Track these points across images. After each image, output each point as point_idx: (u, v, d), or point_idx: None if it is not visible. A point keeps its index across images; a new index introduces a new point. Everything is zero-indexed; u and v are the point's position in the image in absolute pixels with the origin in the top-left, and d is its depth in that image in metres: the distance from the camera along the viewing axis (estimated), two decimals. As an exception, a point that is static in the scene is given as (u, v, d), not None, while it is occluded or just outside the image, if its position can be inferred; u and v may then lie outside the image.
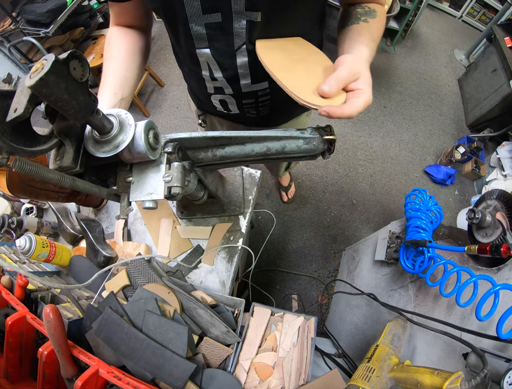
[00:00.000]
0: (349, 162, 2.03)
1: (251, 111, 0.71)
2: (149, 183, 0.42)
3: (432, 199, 0.79)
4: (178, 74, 2.44)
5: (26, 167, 0.30)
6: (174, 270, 0.75)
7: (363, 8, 0.56)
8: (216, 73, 0.60)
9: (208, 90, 0.66)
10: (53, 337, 0.45)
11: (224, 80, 0.61)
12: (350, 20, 0.54)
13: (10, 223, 0.79)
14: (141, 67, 0.65)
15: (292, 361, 0.62)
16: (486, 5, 2.63)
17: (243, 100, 0.67)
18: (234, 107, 0.70)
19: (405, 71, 2.47)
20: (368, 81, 0.45)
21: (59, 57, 0.26)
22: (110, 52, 0.61)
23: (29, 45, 2.06)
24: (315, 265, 1.72)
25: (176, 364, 0.51)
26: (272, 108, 0.73)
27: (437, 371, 0.45)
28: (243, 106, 0.69)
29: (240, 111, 0.71)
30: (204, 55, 0.56)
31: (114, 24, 0.64)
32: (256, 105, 0.69)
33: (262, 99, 0.67)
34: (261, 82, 0.62)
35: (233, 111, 0.72)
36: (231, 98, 0.67)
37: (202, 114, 0.86)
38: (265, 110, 0.72)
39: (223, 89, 0.64)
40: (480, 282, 0.54)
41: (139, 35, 0.64)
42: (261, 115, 0.74)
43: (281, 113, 0.80)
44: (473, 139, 1.95)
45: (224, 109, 0.73)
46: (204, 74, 0.62)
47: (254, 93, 0.65)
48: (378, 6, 0.57)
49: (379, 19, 0.55)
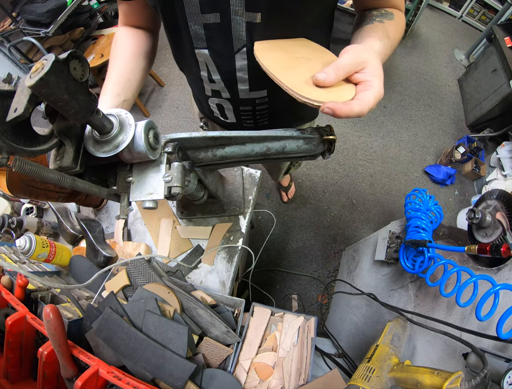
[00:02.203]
0: (349, 162, 2.03)
1: (248, 120, 0.70)
2: (149, 183, 0.42)
3: (432, 199, 0.79)
4: (178, 74, 2.44)
5: (26, 167, 0.30)
6: (174, 270, 0.75)
7: (379, 11, 0.53)
8: (214, 75, 0.59)
9: (206, 92, 0.65)
10: (53, 337, 0.45)
11: (222, 83, 0.60)
12: (365, 22, 0.52)
13: (10, 223, 0.79)
14: (146, 70, 0.65)
15: (292, 361, 0.62)
16: (486, 5, 2.63)
17: (240, 106, 0.65)
18: (231, 113, 0.69)
19: (405, 71, 2.47)
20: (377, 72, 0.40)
21: (59, 57, 0.26)
22: (117, 52, 0.61)
23: (29, 45, 2.06)
24: (315, 265, 1.72)
25: (176, 364, 0.51)
26: (270, 119, 0.71)
27: (437, 371, 0.45)
28: (240, 113, 0.67)
29: (236, 119, 0.70)
30: (203, 55, 0.55)
31: (122, 23, 0.63)
32: (254, 113, 0.67)
33: (259, 107, 0.66)
34: (260, 89, 0.61)
35: (229, 119, 0.71)
36: (228, 103, 0.65)
37: (204, 117, 0.85)
38: (263, 120, 0.71)
39: (221, 93, 0.63)
40: (480, 282, 0.54)
41: (146, 37, 0.64)
42: (259, 125, 0.72)
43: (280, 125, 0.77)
44: (473, 139, 1.95)
45: (221, 116, 0.71)
46: (202, 75, 0.61)
47: (252, 101, 0.63)
48: (396, 11, 0.54)
49: (397, 22, 0.52)
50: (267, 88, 0.61)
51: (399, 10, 0.55)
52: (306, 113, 0.82)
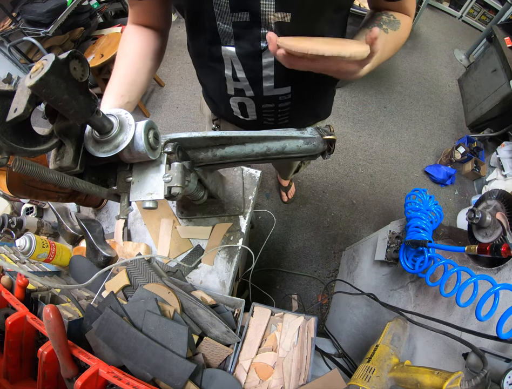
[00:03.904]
0: (349, 162, 2.03)
1: (269, 117, 0.70)
2: (149, 183, 0.42)
3: (432, 199, 0.79)
4: (178, 74, 2.44)
5: (26, 167, 0.30)
6: (174, 270, 0.75)
7: (389, 16, 0.54)
8: (239, 73, 0.59)
9: (228, 91, 0.65)
10: (53, 337, 0.45)
11: (247, 81, 0.60)
12: (372, 24, 0.53)
13: (10, 223, 0.79)
14: (153, 71, 0.64)
15: (292, 361, 0.62)
16: (486, 5, 2.63)
17: (263, 104, 0.65)
18: (252, 111, 0.68)
19: (405, 71, 2.47)
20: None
21: (59, 57, 0.26)
22: (124, 50, 0.60)
23: (29, 45, 2.06)
24: (315, 265, 1.72)
25: (176, 364, 0.51)
26: (291, 117, 0.71)
27: (437, 371, 0.45)
28: (262, 111, 0.67)
29: (257, 116, 0.69)
30: (229, 53, 0.55)
31: (132, 22, 0.62)
32: (276, 110, 0.67)
33: (282, 105, 0.66)
34: (284, 86, 0.61)
35: (250, 117, 0.71)
36: (250, 101, 0.65)
37: (217, 119, 0.84)
38: (284, 118, 0.71)
39: (244, 92, 0.63)
40: (480, 282, 0.54)
41: (155, 37, 0.63)
42: (279, 123, 0.72)
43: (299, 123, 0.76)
44: (473, 139, 1.95)
45: (242, 114, 0.71)
46: (226, 74, 0.60)
47: (275, 98, 0.63)
48: (405, 17, 0.55)
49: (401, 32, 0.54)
50: (291, 85, 0.61)
51: (408, 16, 0.56)
52: (322, 110, 0.83)
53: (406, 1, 0.55)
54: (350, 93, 2.29)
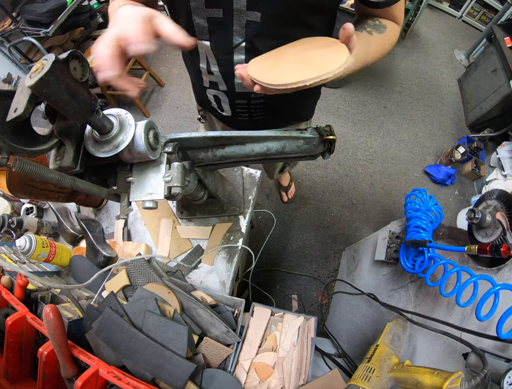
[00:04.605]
0: (349, 162, 2.03)
1: (243, 113, 0.71)
2: (149, 183, 0.42)
3: (432, 199, 0.79)
4: (178, 74, 2.44)
5: (26, 167, 0.30)
6: (174, 270, 0.75)
7: (374, 21, 0.53)
8: (213, 67, 0.61)
9: (204, 83, 0.68)
10: (53, 337, 0.45)
11: (220, 75, 0.62)
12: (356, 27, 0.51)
13: (10, 223, 0.79)
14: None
15: (292, 361, 0.62)
16: (486, 5, 2.63)
17: (236, 99, 0.67)
18: (226, 106, 0.70)
19: (405, 71, 2.47)
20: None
21: (59, 57, 0.26)
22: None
23: (29, 45, 2.06)
24: (315, 265, 1.72)
25: (176, 364, 0.51)
26: (266, 114, 0.72)
27: (437, 371, 0.44)
28: (236, 106, 0.69)
29: (232, 111, 0.71)
30: (204, 47, 0.57)
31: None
32: (249, 107, 0.69)
33: (254, 101, 0.67)
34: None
35: (225, 111, 0.73)
36: (224, 95, 0.67)
37: (202, 109, 0.87)
38: (258, 114, 0.72)
39: (218, 85, 0.65)
40: (480, 282, 0.54)
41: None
42: (254, 119, 0.73)
43: (276, 120, 0.78)
44: (473, 139, 1.95)
45: (218, 108, 0.73)
46: (201, 67, 0.63)
47: (247, 95, 0.65)
48: (392, 23, 0.54)
49: (387, 36, 0.52)
50: None
51: (395, 23, 0.55)
52: (302, 112, 0.83)
53: (395, 9, 0.53)
54: (350, 93, 2.29)
